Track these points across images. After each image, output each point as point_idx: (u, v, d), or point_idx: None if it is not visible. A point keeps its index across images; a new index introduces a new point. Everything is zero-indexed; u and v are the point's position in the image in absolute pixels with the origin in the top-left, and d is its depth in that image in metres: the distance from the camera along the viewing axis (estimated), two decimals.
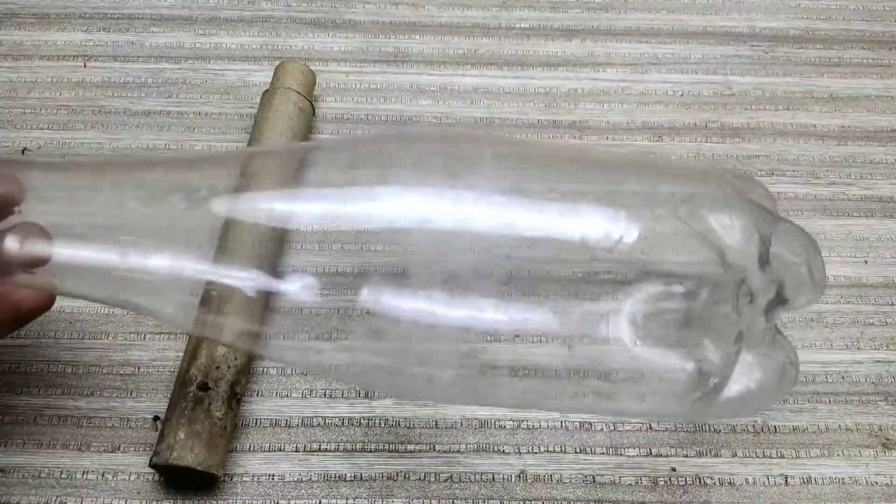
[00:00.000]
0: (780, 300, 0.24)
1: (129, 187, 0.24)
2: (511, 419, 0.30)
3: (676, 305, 0.26)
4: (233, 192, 0.25)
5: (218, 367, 0.28)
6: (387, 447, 0.30)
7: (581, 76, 0.40)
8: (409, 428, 0.30)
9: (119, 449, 0.29)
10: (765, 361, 0.24)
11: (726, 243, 0.25)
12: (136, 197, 0.24)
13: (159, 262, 0.24)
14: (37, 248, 0.22)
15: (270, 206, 0.26)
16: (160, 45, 0.40)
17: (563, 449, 0.30)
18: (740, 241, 0.25)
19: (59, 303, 0.32)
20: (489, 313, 0.25)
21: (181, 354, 0.30)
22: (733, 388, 0.24)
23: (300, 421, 0.30)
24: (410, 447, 0.30)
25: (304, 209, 0.26)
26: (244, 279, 0.26)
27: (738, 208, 0.25)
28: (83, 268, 0.23)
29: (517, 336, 0.25)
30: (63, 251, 0.23)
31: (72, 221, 0.23)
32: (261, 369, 0.31)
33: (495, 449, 0.30)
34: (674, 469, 0.30)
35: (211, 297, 0.25)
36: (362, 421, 0.30)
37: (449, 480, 0.29)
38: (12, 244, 0.22)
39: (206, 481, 0.28)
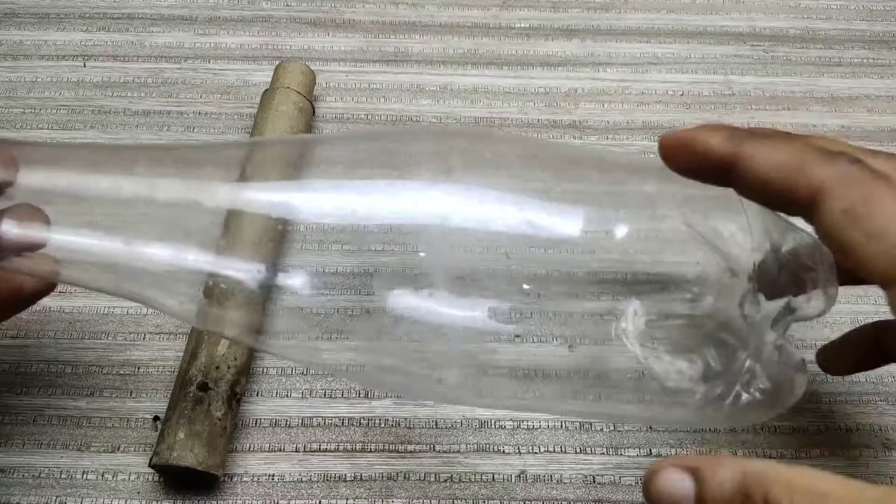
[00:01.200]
0: (789, 310, 0.24)
1: (131, 178, 0.24)
2: (511, 419, 0.30)
3: (681, 310, 0.25)
4: (237, 183, 0.25)
5: (218, 368, 0.28)
6: (387, 447, 0.30)
7: (581, 76, 0.40)
8: (409, 428, 0.30)
9: (119, 449, 0.29)
10: (773, 372, 0.24)
11: (731, 249, 0.24)
12: (139, 187, 0.24)
13: (162, 252, 0.23)
14: (32, 232, 0.22)
15: (274, 200, 0.26)
16: (160, 45, 0.40)
17: (563, 449, 0.30)
18: (747, 247, 0.24)
19: (60, 302, 0.32)
20: (491, 314, 0.25)
21: (181, 354, 0.30)
22: (741, 396, 0.24)
23: (300, 421, 0.30)
24: (410, 447, 0.30)
25: (308, 204, 0.26)
26: (247, 272, 0.26)
27: (746, 214, 0.24)
28: (85, 257, 0.23)
29: (517, 337, 0.25)
30: (65, 239, 0.23)
31: (74, 213, 0.23)
32: (261, 369, 0.31)
33: (495, 449, 0.30)
34: None
35: (214, 290, 0.25)
36: (362, 421, 0.30)
37: (449, 480, 0.29)
38: (7, 227, 0.22)
39: (206, 481, 0.28)
